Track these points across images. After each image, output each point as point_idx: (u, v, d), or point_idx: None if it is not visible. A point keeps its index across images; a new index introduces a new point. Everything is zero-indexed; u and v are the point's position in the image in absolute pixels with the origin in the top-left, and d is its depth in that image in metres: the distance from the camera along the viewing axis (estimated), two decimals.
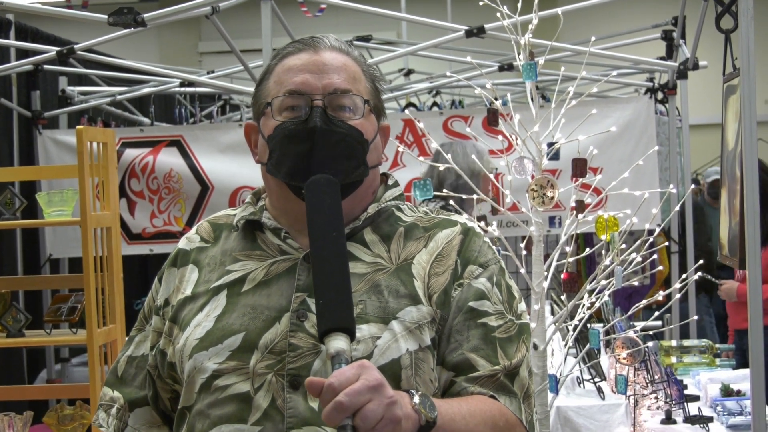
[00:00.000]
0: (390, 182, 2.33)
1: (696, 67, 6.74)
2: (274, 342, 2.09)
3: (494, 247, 2.27)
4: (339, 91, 2.18)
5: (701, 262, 4.25)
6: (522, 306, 2.24)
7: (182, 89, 8.83)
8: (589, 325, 4.06)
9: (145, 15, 5.59)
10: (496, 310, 2.16)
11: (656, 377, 4.70)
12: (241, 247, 2.25)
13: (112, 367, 2.38)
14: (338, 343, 1.87)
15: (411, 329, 2.09)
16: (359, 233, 2.21)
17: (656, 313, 4.29)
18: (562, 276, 4.02)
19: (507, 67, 7.70)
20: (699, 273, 4.20)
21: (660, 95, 7.96)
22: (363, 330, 2.05)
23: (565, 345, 3.73)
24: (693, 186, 5.92)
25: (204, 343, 2.13)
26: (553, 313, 5.20)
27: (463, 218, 2.29)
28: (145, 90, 8.67)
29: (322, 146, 2.14)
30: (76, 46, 6.48)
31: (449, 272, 2.17)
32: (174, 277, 2.29)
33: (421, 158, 3.76)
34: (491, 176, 4.12)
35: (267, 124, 2.21)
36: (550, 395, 3.57)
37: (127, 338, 2.39)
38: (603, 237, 3.84)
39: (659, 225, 4.12)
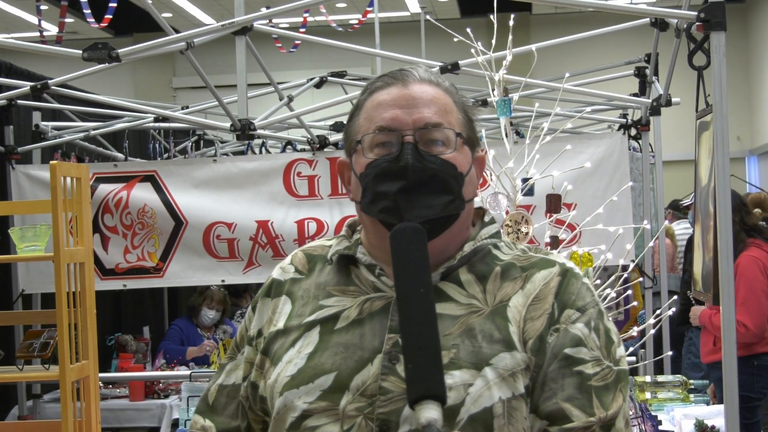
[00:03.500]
0: (486, 218, 2.26)
1: (669, 103, 6.79)
2: (366, 384, 2.05)
3: (593, 289, 2.19)
4: (430, 126, 2.13)
5: (675, 297, 4.27)
6: (621, 351, 2.14)
7: (156, 124, 8.82)
8: None
9: (119, 50, 5.59)
10: (593, 357, 2.08)
11: (631, 413, 4.70)
12: (335, 282, 2.21)
13: (203, 395, 2.35)
14: (430, 412, 1.82)
15: (504, 377, 2.03)
16: (454, 272, 2.14)
17: (631, 349, 4.30)
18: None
19: (481, 103, 7.73)
20: (673, 309, 4.21)
21: (633, 131, 8.01)
22: (455, 376, 2.00)
23: None
24: (666, 222, 5.95)
25: (295, 381, 2.09)
26: None
27: (561, 258, 2.21)
28: (119, 125, 8.65)
29: (415, 183, 2.09)
30: (50, 81, 6.48)
31: (545, 316, 2.09)
32: (267, 308, 2.26)
33: None
34: None
35: (359, 162, 2.16)
36: None
37: (218, 366, 2.37)
38: None
39: (633, 260, 4.13)
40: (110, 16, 10.58)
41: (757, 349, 6.55)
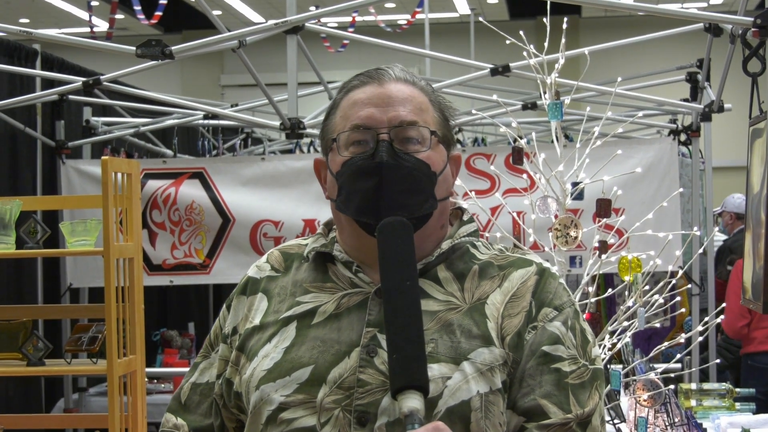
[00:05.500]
0: (465, 217, 2.28)
1: (721, 109, 6.73)
2: (343, 377, 2.05)
3: (569, 290, 2.22)
4: (405, 124, 2.14)
5: (723, 305, 4.24)
6: (596, 350, 2.17)
7: (205, 122, 8.87)
8: (609, 367, 4.04)
9: (172, 48, 5.61)
10: (570, 355, 2.10)
11: (676, 420, 4.67)
12: (311, 279, 2.22)
13: (175, 393, 2.35)
14: (412, 402, 1.85)
15: (482, 371, 2.04)
16: (432, 270, 2.16)
17: (678, 356, 4.28)
18: (584, 316, 4.00)
19: (530, 106, 7.70)
20: (721, 317, 4.18)
21: (683, 137, 7.95)
22: (434, 369, 2.01)
23: None
24: (716, 228, 5.97)
25: (272, 375, 2.10)
26: None
27: (538, 258, 2.23)
28: (169, 122, 8.71)
29: (389, 181, 2.10)
30: (102, 77, 6.52)
31: (523, 314, 2.10)
32: (243, 305, 2.27)
33: None
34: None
35: (334, 160, 2.17)
36: None
37: (191, 365, 2.37)
38: (626, 278, 3.83)
39: (681, 267, 4.11)
40: (160, 13, 10.65)
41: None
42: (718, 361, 5.41)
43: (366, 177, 2.12)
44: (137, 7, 10.32)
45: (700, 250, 4.42)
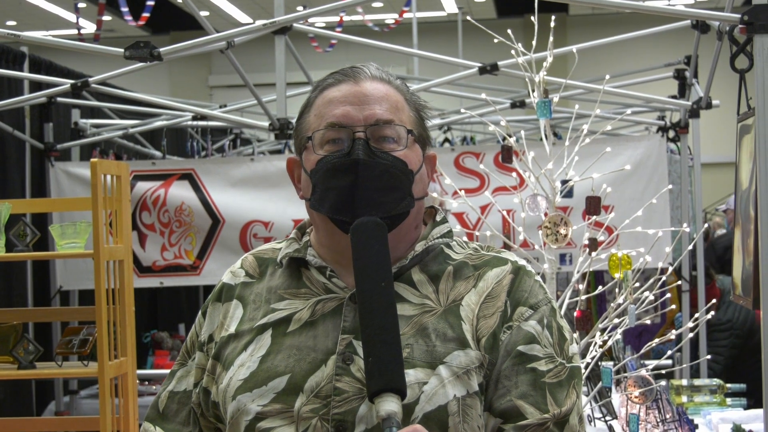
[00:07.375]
0: (438, 218, 2.25)
1: (709, 106, 6.74)
2: (320, 386, 2.03)
3: (545, 286, 2.19)
4: (381, 122, 2.12)
5: (714, 301, 4.25)
6: (574, 348, 2.15)
7: (194, 123, 8.86)
8: (600, 364, 4.05)
9: (160, 49, 5.61)
10: (546, 354, 2.07)
11: (668, 416, 4.68)
12: (286, 285, 2.18)
13: (153, 401, 2.32)
14: (389, 405, 1.83)
15: (459, 374, 2.02)
16: (406, 273, 2.13)
17: (669, 352, 4.29)
18: (575, 314, 4.01)
19: (519, 104, 7.71)
20: (712, 313, 4.19)
21: (671, 134, 7.97)
22: (410, 375, 1.98)
23: None
24: (705, 225, 5.98)
25: (248, 385, 2.08)
26: None
27: (514, 256, 2.20)
28: (158, 123, 8.71)
29: (365, 178, 2.07)
30: (90, 79, 6.51)
31: (498, 314, 2.07)
32: (218, 313, 2.24)
33: (435, 194, 3.75)
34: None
35: (309, 159, 2.15)
36: None
37: (168, 372, 2.35)
38: (617, 275, 3.84)
39: (671, 264, 4.12)
40: (148, 15, 10.63)
41: None
42: (709, 357, 5.42)
43: (342, 174, 2.09)
44: (124, 9, 10.30)
45: (690, 247, 4.43)
